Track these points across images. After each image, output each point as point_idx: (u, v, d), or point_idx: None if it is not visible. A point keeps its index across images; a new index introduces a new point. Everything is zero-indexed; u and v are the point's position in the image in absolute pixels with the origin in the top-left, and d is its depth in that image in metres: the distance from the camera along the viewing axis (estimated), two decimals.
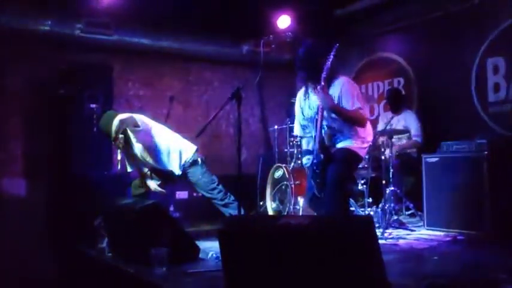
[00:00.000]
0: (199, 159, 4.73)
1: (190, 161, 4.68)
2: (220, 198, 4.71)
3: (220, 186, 4.76)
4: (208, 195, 4.75)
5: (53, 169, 6.02)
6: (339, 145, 3.99)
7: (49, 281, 5.15)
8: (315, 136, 3.94)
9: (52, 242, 5.47)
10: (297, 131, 4.35)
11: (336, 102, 3.89)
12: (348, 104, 3.88)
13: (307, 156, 4.13)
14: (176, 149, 4.67)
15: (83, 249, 4.40)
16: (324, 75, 3.80)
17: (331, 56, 3.79)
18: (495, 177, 4.49)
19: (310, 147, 4.11)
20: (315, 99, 3.99)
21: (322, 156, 3.87)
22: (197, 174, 4.71)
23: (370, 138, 4.16)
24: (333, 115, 3.93)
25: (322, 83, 3.79)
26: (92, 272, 4.16)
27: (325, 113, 3.88)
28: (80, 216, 5.08)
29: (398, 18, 6.66)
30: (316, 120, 3.90)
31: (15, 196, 5.94)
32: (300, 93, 4.24)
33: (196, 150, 4.77)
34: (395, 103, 5.99)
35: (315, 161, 3.93)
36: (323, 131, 3.92)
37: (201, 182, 4.73)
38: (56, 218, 5.61)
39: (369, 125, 4.13)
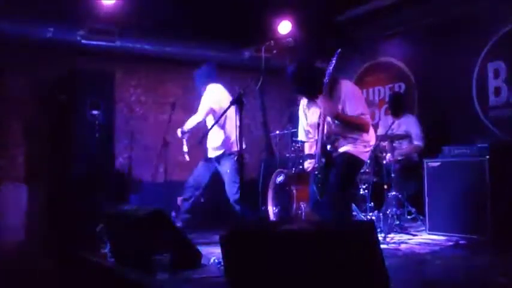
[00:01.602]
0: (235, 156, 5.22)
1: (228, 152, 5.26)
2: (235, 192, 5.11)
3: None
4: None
5: (54, 175, 6.03)
6: (341, 150, 4.00)
7: (50, 286, 5.15)
8: (317, 141, 3.95)
9: (54, 247, 5.47)
10: (301, 136, 4.37)
11: (339, 106, 3.91)
12: (350, 109, 3.90)
13: (309, 161, 4.14)
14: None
15: (85, 254, 4.40)
16: (326, 80, 3.81)
17: (333, 62, 3.80)
18: (497, 181, 4.49)
19: (312, 152, 4.12)
20: (318, 105, 4.00)
21: (323, 160, 3.88)
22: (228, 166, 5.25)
23: (373, 142, 4.16)
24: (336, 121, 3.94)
25: (324, 92, 3.80)
26: (94, 278, 4.16)
27: (328, 118, 3.90)
28: (82, 221, 5.09)
29: (399, 23, 6.67)
30: (319, 125, 3.92)
31: (17, 201, 5.95)
32: (304, 99, 4.26)
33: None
34: (396, 107, 5.99)
35: (316, 165, 3.93)
36: (325, 136, 3.93)
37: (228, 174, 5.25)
38: (57, 223, 5.61)
39: (371, 129, 4.14)
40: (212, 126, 4.62)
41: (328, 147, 3.95)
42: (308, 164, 4.18)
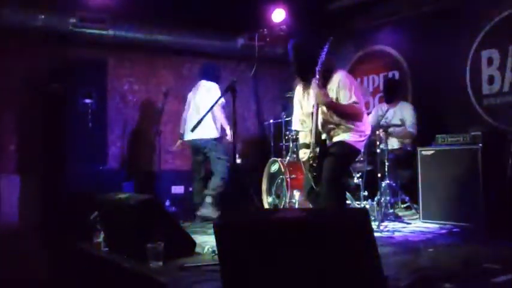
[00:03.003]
0: None
1: None
2: None
3: None
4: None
5: (47, 165, 6.00)
6: (336, 139, 3.99)
7: (44, 276, 5.14)
8: (311, 130, 3.94)
9: (47, 237, 5.45)
10: (295, 125, 4.34)
11: (334, 96, 3.88)
12: (345, 98, 3.88)
13: (304, 150, 4.13)
14: None
15: (79, 244, 4.39)
16: (318, 68, 3.79)
17: (325, 50, 3.77)
18: (489, 169, 4.51)
19: (307, 141, 4.11)
20: (312, 94, 3.98)
21: (318, 150, 3.87)
22: None
23: (368, 131, 4.15)
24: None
25: (317, 78, 3.77)
26: (88, 267, 4.15)
27: (323, 107, 3.88)
28: (75, 211, 5.07)
29: (393, 11, 6.65)
30: (313, 114, 3.90)
31: (10, 192, 5.92)
32: (299, 88, 4.23)
33: None
34: (391, 94, 5.98)
35: (311, 154, 3.92)
36: (320, 125, 3.91)
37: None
38: (51, 213, 5.59)
39: (366, 118, 4.13)
40: (203, 116, 4.48)
41: (323, 136, 3.94)
42: (303, 154, 4.16)
